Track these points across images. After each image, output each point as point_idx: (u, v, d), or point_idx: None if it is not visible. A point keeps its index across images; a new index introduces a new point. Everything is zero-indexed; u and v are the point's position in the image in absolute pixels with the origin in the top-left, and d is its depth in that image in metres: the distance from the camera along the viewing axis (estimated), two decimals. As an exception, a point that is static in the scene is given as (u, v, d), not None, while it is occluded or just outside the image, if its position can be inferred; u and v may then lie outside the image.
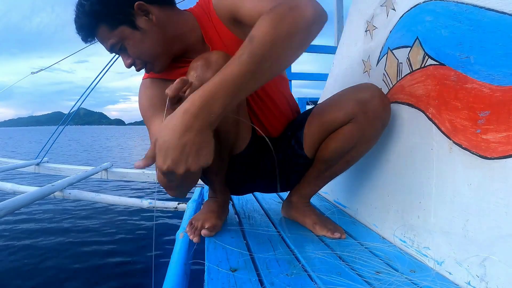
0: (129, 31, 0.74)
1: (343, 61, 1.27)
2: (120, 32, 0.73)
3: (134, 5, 0.72)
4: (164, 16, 0.76)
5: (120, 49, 0.76)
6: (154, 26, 0.75)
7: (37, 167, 2.94)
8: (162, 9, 0.76)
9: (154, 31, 0.75)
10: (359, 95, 0.79)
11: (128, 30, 0.73)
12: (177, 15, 0.79)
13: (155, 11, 0.74)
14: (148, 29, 0.74)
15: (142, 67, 0.80)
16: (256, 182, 1.00)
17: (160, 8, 0.75)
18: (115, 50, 0.77)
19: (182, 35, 0.79)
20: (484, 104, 0.58)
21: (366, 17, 1.07)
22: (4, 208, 1.28)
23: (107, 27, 0.73)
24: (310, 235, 0.88)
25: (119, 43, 0.75)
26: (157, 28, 0.75)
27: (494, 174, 0.55)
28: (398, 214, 0.81)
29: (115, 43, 0.75)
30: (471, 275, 0.57)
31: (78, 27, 0.75)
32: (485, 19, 0.58)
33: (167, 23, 0.76)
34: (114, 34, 0.73)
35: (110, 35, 0.74)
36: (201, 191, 1.55)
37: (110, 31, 0.73)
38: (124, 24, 0.73)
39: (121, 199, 2.18)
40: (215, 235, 0.85)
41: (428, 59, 0.72)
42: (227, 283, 0.59)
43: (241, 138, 0.86)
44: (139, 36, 0.74)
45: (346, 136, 0.82)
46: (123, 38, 0.74)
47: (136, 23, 0.73)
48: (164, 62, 0.80)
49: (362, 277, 0.62)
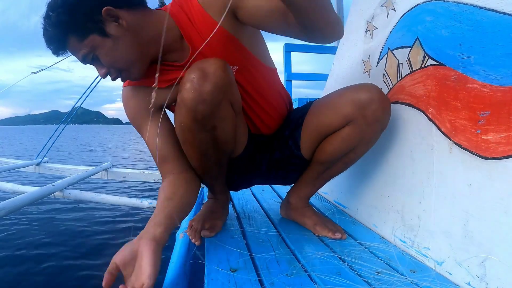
0: (99, 40, 0.69)
1: (343, 61, 1.27)
2: (91, 41, 0.69)
3: (102, 12, 0.67)
4: (135, 19, 0.71)
5: (93, 59, 0.72)
6: (125, 31, 0.70)
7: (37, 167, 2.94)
8: (132, 12, 0.71)
9: (126, 36, 0.70)
10: (358, 97, 0.77)
11: (98, 38, 0.69)
12: (150, 15, 0.74)
13: (125, 15, 0.69)
14: (119, 35, 0.69)
15: (117, 75, 0.75)
16: (254, 179, 1.00)
17: (129, 11, 0.71)
18: (88, 61, 0.73)
19: (157, 36, 0.72)
20: (484, 105, 0.58)
21: (366, 17, 1.07)
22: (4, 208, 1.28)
23: (76, 38, 0.68)
24: (310, 235, 0.88)
25: (90, 53, 0.70)
26: (129, 33, 0.70)
27: (494, 174, 0.55)
28: (398, 214, 0.81)
29: (86, 53, 0.70)
30: (471, 276, 0.57)
31: (47, 40, 0.70)
32: (485, 20, 0.58)
33: (140, 26, 0.72)
34: (84, 44, 0.69)
35: (81, 46, 0.69)
36: (201, 191, 1.55)
37: (80, 42, 0.69)
38: (94, 33, 0.68)
39: (121, 199, 2.17)
40: (215, 236, 0.85)
41: (428, 59, 0.72)
42: (227, 283, 0.59)
43: (238, 143, 0.85)
44: (110, 43, 0.69)
45: (344, 139, 0.81)
46: (94, 48, 0.69)
47: (106, 30, 0.68)
48: (140, 68, 0.75)
49: (362, 277, 0.62)
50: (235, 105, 0.75)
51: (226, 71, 0.67)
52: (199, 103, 0.66)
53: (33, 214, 2.89)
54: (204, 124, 0.70)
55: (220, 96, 0.67)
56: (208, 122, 0.70)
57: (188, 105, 0.66)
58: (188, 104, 0.66)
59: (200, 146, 0.75)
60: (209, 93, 0.65)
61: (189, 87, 0.65)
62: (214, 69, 0.65)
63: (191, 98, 0.65)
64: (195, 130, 0.71)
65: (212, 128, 0.72)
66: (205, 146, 0.75)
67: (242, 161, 0.89)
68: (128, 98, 0.83)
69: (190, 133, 0.72)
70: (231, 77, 0.70)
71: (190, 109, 0.67)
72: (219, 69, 0.66)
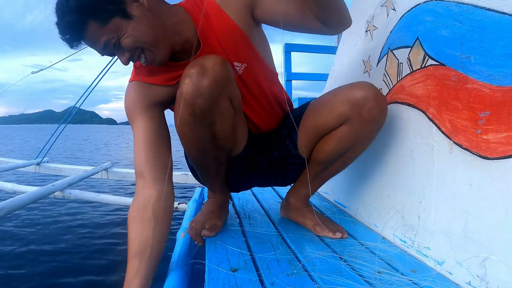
0: (122, 22, 0.65)
1: (343, 61, 1.27)
2: (113, 25, 0.65)
3: None
4: (155, 2, 0.69)
5: (114, 46, 0.68)
6: (147, 11, 0.67)
7: (37, 167, 2.94)
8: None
9: (148, 17, 0.67)
10: (353, 96, 0.77)
11: (121, 21, 0.65)
12: (168, 5, 0.74)
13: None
14: (141, 15, 0.67)
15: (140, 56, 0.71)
16: (254, 180, 1.00)
17: None
18: (109, 49, 0.68)
19: (177, 25, 0.73)
20: (484, 105, 0.58)
21: (366, 17, 1.07)
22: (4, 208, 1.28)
23: (98, 23, 0.64)
24: (310, 234, 0.88)
25: (113, 39, 0.66)
26: (151, 13, 0.68)
27: (494, 174, 0.56)
28: (398, 214, 0.81)
29: (109, 39, 0.66)
30: (472, 275, 0.57)
31: (64, 29, 0.64)
32: (485, 20, 0.58)
33: (160, 11, 0.70)
34: (107, 29, 0.65)
35: (103, 31, 0.65)
36: (202, 191, 1.55)
37: (101, 27, 0.64)
38: (116, 16, 0.64)
39: (122, 199, 2.17)
40: (216, 235, 0.85)
41: (429, 59, 0.72)
42: (227, 283, 0.59)
43: (238, 141, 0.85)
44: (133, 24, 0.66)
45: (341, 139, 0.81)
46: (117, 32, 0.66)
47: (127, 11, 0.65)
48: (164, 51, 0.71)
49: (363, 277, 0.62)
50: (234, 101, 0.75)
51: (224, 66, 0.68)
52: (197, 97, 0.66)
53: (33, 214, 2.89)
54: (203, 119, 0.70)
55: (219, 91, 0.68)
56: (207, 116, 0.70)
57: (186, 99, 0.67)
58: (186, 98, 0.66)
59: (199, 141, 0.75)
60: (208, 87, 0.65)
61: (188, 82, 0.66)
62: (213, 64, 0.66)
63: (189, 92, 0.66)
64: (194, 124, 0.71)
65: (211, 123, 0.72)
66: (204, 142, 0.75)
67: (242, 160, 0.89)
68: (130, 91, 0.80)
69: (188, 128, 0.72)
70: (230, 73, 0.71)
71: (189, 103, 0.67)
72: (217, 65, 0.66)
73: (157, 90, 0.78)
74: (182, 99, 0.67)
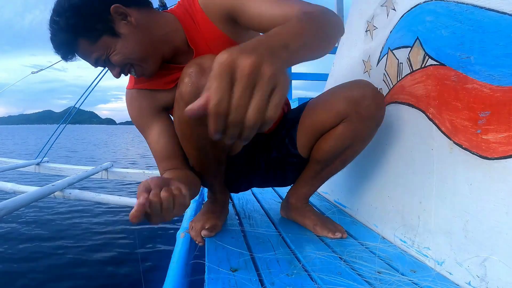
0: (111, 40, 0.69)
1: (343, 61, 1.27)
2: (103, 43, 0.69)
3: (110, 10, 0.67)
4: (143, 17, 0.72)
5: (105, 61, 0.72)
6: (135, 29, 0.70)
7: (37, 167, 2.94)
8: (140, 11, 0.72)
9: (135, 34, 0.70)
10: (351, 94, 0.77)
11: (110, 39, 0.69)
12: (157, 16, 0.75)
13: (133, 13, 0.70)
14: (129, 32, 0.70)
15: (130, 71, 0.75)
16: (253, 180, 1.00)
17: (138, 9, 0.71)
18: (100, 63, 0.73)
19: (166, 35, 0.75)
20: (484, 105, 0.58)
21: (366, 17, 1.07)
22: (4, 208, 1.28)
23: (87, 41, 0.68)
24: (310, 235, 0.88)
25: (103, 56, 0.70)
26: (139, 30, 0.71)
27: (494, 174, 0.56)
28: (398, 214, 0.81)
29: (99, 56, 0.70)
30: (472, 275, 0.57)
31: (56, 46, 0.69)
32: (485, 19, 0.58)
33: (148, 24, 0.72)
34: (97, 47, 0.69)
35: (93, 49, 0.69)
36: (201, 191, 1.55)
37: (91, 45, 0.69)
38: (105, 34, 0.68)
39: (122, 199, 2.18)
40: (215, 235, 0.85)
41: (429, 59, 0.72)
42: (227, 283, 0.59)
43: None
44: (121, 42, 0.70)
45: (339, 137, 0.81)
46: (106, 49, 0.70)
47: (115, 29, 0.69)
48: (153, 64, 0.75)
49: (363, 277, 0.62)
50: None
51: None
52: (196, 97, 0.66)
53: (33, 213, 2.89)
54: (202, 118, 0.70)
55: None
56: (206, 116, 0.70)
57: (185, 99, 0.67)
58: (185, 98, 0.66)
59: (198, 141, 0.75)
60: None
61: (187, 81, 0.65)
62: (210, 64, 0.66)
63: (188, 92, 0.66)
64: (193, 124, 0.71)
65: None
66: (203, 142, 0.75)
67: (241, 160, 0.89)
68: (132, 100, 0.84)
69: (187, 128, 0.73)
70: None
71: (188, 102, 0.67)
72: None
73: (159, 95, 0.81)
74: (181, 99, 0.67)
